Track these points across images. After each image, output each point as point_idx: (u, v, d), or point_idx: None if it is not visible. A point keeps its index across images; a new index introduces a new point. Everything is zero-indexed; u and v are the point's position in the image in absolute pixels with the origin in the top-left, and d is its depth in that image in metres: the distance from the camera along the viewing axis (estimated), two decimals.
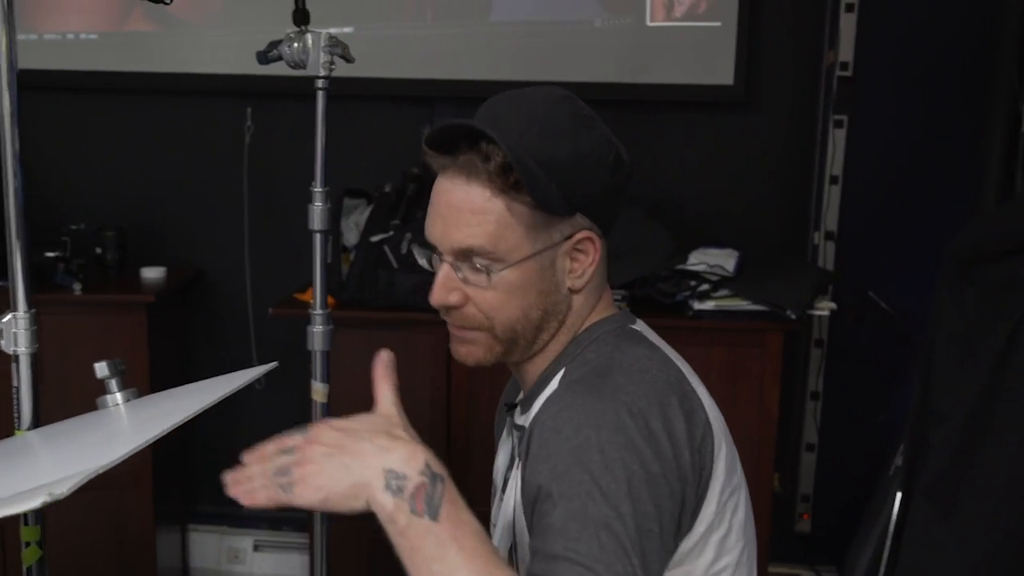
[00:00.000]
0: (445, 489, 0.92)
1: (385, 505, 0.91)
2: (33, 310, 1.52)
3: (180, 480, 3.08)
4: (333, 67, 1.68)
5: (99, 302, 2.71)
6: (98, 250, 2.91)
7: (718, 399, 2.73)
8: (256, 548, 3.21)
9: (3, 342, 1.49)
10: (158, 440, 1.11)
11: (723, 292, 2.50)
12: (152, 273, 2.91)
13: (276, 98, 3.01)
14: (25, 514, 1.52)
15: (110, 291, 2.79)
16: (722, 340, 2.50)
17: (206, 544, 3.22)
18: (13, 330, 1.47)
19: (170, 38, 3.06)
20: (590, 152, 1.14)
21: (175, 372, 2.86)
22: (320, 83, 1.68)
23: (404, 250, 2.50)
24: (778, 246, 2.96)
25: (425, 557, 0.90)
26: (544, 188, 1.10)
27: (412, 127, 3.02)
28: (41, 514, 1.56)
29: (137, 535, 2.80)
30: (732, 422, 2.57)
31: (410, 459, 0.92)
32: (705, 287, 2.50)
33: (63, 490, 0.88)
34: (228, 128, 3.05)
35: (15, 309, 1.50)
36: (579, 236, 1.16)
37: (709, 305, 2.48)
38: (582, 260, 1.17)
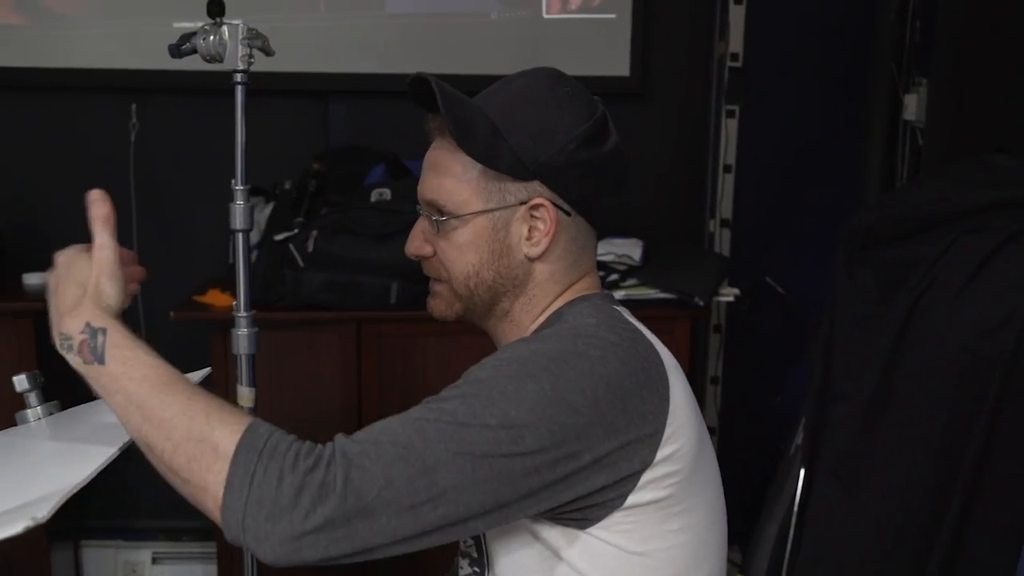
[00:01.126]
0: (107, 338, 1.07)
1: (69, 361, 1.09)
2: None
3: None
4: (252, 60, 1.62)
5: None
6: None
7: None
8: (155, 561, 3.09)
9: None
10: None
11: (631, 281, 2.53)
12: (36, 279, 2.76)
13: (162, 93, 2.91)
14: None
15: None
16: None
17: (102, 560, 3.08)
18: None
19: (45, 31, 2.91)
20: (554, 123, 1.17)
21: (67, 386, 2.73)
22: (239, 77, 1.62)
23: (311, 248, 2.45)
24: (676, 234, 3.02)
25: (108, 393, 1.06)
26: (476, 139, 1.16)
27: (306, 122, 2.96)
28: None
29: (28, 555, 2.66)
30: None
31: (74, 321, 1.08)
32: (614, 277, 2.53)
33: (44, 513, 0.83)
34: (112, 125, 2.93)
35: None
36: (534, 201, 1.19)
37: (619, 295, 2.51)
38: (540, 228, 1.20)
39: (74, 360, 1.08)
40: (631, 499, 1.09)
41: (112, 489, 3.06)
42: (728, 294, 2.58)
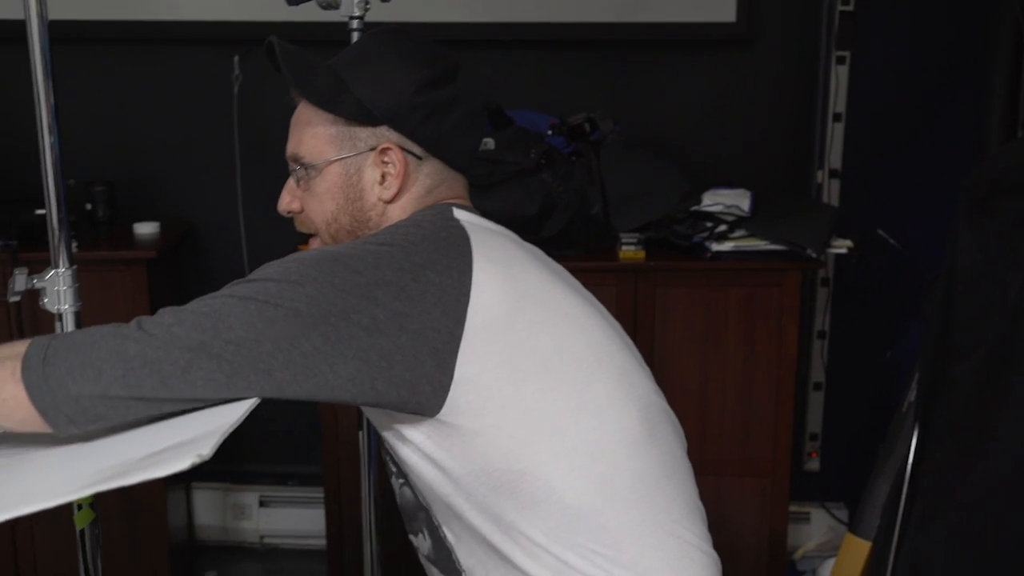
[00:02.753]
0: None
1: None
2: (75, 267, 1.47)
3: None
4: (368, 7, 1.62)
5: (98, 260, 2.62)
6: (88, 206, 2.81)
7: (737, 340, 2.71)
8: (262, 504, 3.17)
9: (46, 300, 1.43)
10: None
11: (740, 232, 2.48)
12: (145, 228, 2.82)
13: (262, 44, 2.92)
14: None
15: (103, 248, 2.70)
16: (740, 281, 2.49)
17: (212, 501, 3.17)
18: (57, 288, 1.42)
19: None
20: (394, 71, 1.26)
21: None
22: (355, 24, 1.62)
23: None
24: (782, 185, 2.95)
25: None
26: (318, 90, 1.26)
27: None
28: None
29: (144, 493, 2.74)
30: (750, 363, 2.58)
31: None
32: (722, 228, 2.48)
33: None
34: (216, 77, 2.95)
35: (58, 266, 1.44)
36: (382, 146, 1.26)
37: (727, 246, 2.46)
38: (391, 172, 1.27)
39: None
40: (458, 374, 1.10)
41: None
42: (841, 246, 2.51)
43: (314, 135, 1.29)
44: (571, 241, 2.51)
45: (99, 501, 2.65)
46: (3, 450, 1.09)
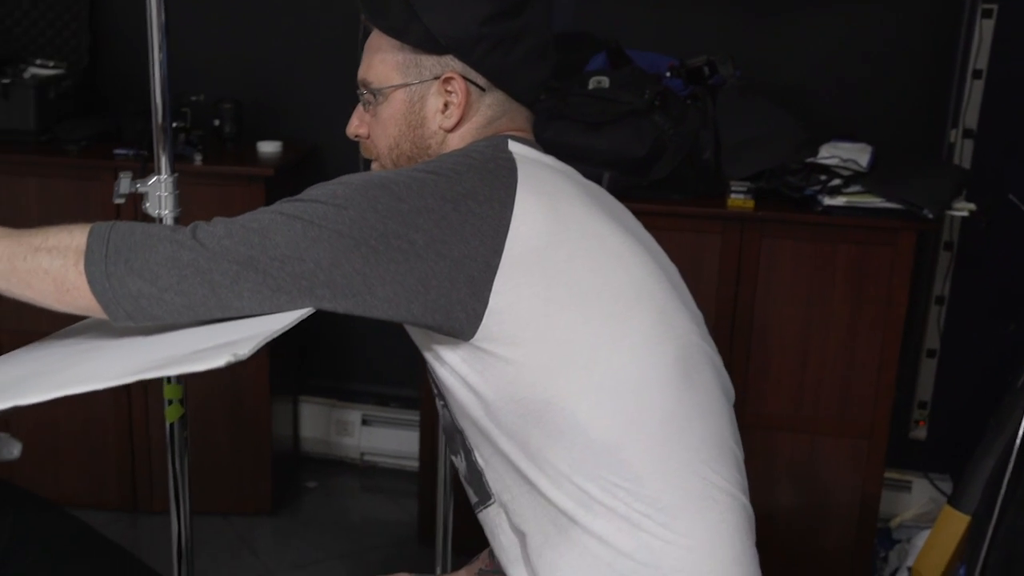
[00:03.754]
0: None
1: None
2: (176, 174, 1.53)
3: (294, 351, 3.15)
4: None
5: (219, 173, 2.73)
6: (216, 122, 2.91)
7: (843, 298, 2.64)
8: (364, 422, 3.28)
9: (148, 204, 1.50)
10: None
11: (855, 188, 2.39)
12: (268, 147, 2.91)
13: None
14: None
15: (227, 163, 2.80)
16: (851, 237, 2.42)
17: (317, 415, 3.30)
18: (159, 193, 1.49)
19: None
20: (463, 1, 1.26)
21: None
22: None
23: None
24: (911, 143, 2.83)
25: None
26: (388, 16, 1.28)
27: None
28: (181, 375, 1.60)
29: (252, 402, 2.87)
30: (856, 322, 2.51)
31: None
32: (836, 182, 2.40)
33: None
34: (344, 1, 3.00)
35: (160, 173, 1.51)
36: (446, 75, 1.28)
37: (840, 201, 2.38)
38: (453, 101, 1.29)
39: None
40: (492, 302, 1.12)
41: (334, 351, 3.25)
42: (962, 209, 2.40)
43: (382, 61, 1.30)
44: (679, 186, 2.48)
45: (206, 408, 2.81)
46: (81, 338, 1.17)
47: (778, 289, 2.48)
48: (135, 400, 2.81)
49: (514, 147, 1.25)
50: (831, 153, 2.43)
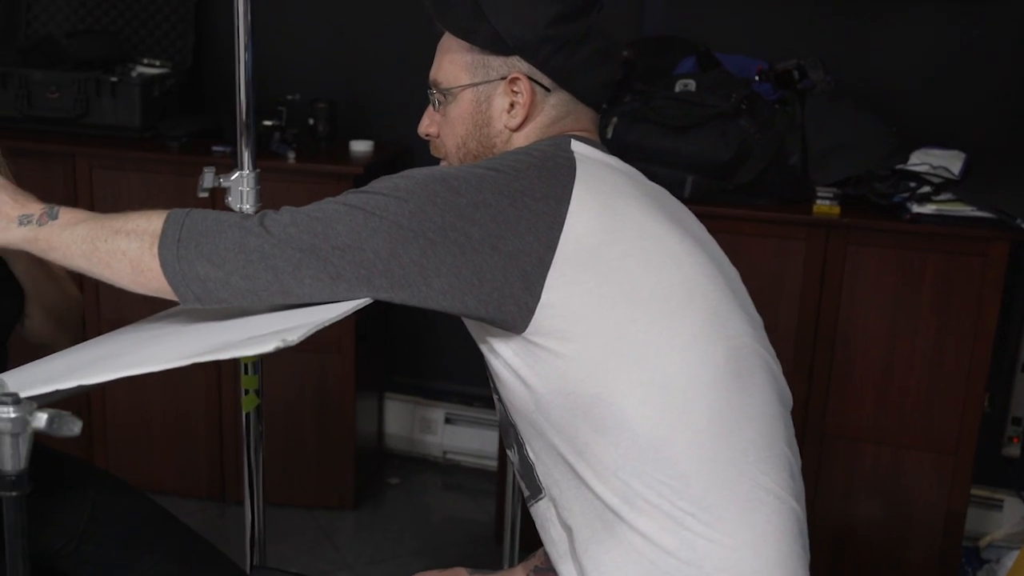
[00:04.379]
0: (57, 208, 1.26)
1: (13, 238, 1.26)
2: (257, 170, 1.59)
3: (380, 349, 3.21)
4: None
5: (311, 171, 2.81)
6: (311, 121, 2.99)
7: (930, 308, 2.57)
8: (448, 421, 3.32)
9: (230, 199, 1.56)
10: (361, 309, 1.17)
11: (945, 196, 2.34)
12: (360, 146, 2.98)
13: None
14: (246, 364, 1.62)
15: (321, 161, 2.88)
16: (940, 247, 2.36)
17: (401, 413, 3.36)
18: (240, 188, 1.54)
19: None
20: (529, 3, 1.28)
21: None
22: None
23: (609, 134, 2.46)
24: (1010, 150, 2.74)
25: (60, 239, 1.23)
26: (456, 17, 1.31)
27: (620, 11, 2.94)
28: (260, 365, 1.66)
29: (338, 398, 2.94)
30: (943, 334, 2.44)
31: (26, 207, 1.27)
32: (926, 189, 2.34)
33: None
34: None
35: (242, 168, 1.57)
36: (512, 75, 1.30)
37: (929, 209, 2.33)
38: (519, 101, 1.31)
39: (23, 233, 1.25)
40: (544, 297, 1.14)
41: (419, 350, 3.30)
42: None
43: (451, 61, 1.34)
44: (764, 190, 2.46)
45: (294, 403, 2.88)
46: (155, 324, 1.23)
47: (863, 298, 2.43)
48: (225, 391, 2.91)
49: (576, 146, 1.27)
50: (922, 160, 2.38)
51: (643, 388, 1.15)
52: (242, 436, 1.66)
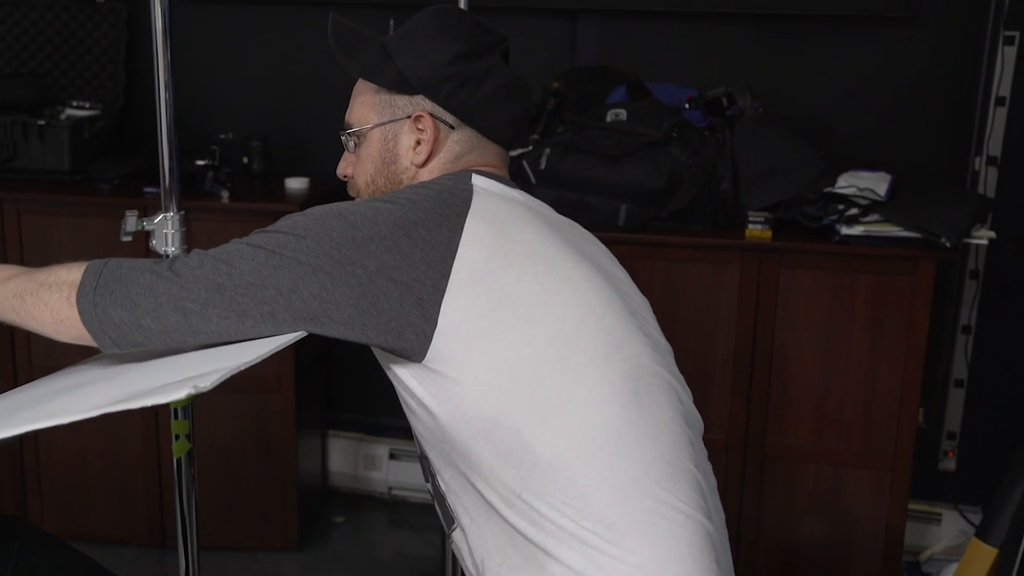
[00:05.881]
0: None
1: None
2: (182, 212, 1.57)
3: (322, 385, 3.18)
4: None
5: (245, 210, 2.78)
6: (245, 159, 2.97)
7: (863, 327, 2.62)
8: (392, 456, 3.29)
9: (154, 242, 1.54)
10: (298, 345, 1.17)
11: (873, 217, 2.38)
12: (296, 183, 2.97)
13: (417, 8, 2.99)
14: (175, 408, 1.60)
15: (256, 199, 2.86)
16: (870, 267, 2.41)
17: (345, 450, 3.32)
18: (165, 231, 1.53)
19: None
20: (434, 44, 1.34)
21: None
22: None
23: (543, 165, 2.48)
24: (935, 171, 2.81)
25: None
26: (362, 60, 1.38)
27: (551, 41, 2.97)
28: (190, 409, 1.63)
29: (279, 437, 2.90)
30: (877, 352, 2.49)
31: None
32: (854, 211, 2.39)
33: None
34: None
35: (167, 211, 1.55)
36: (416, 113, 1.35)
37: (857, 230, 2.37)
38: (424, 138, 1.36)
39: None
40: (441, 323, 1.18)
41: (361, 385, 3.28)
42: (981, 237, 2.38)
43: (362, 103, 1.40)
44: (697, 216, 2.49)
45: (234, 443, 2.84)
46: (74, 373, 1.21)
47: (797, 319, 2.47)
48: (163, 434, 2.86)
49: (477, 180, 1.31)
50: (849, 182, 2.43)
51: (539, 410, 1.18)
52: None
